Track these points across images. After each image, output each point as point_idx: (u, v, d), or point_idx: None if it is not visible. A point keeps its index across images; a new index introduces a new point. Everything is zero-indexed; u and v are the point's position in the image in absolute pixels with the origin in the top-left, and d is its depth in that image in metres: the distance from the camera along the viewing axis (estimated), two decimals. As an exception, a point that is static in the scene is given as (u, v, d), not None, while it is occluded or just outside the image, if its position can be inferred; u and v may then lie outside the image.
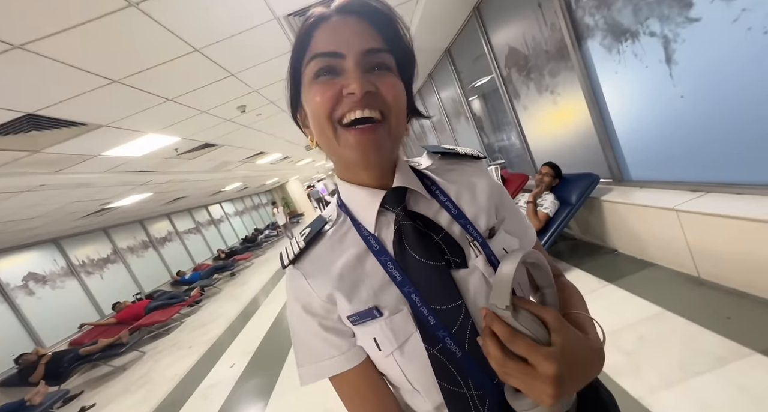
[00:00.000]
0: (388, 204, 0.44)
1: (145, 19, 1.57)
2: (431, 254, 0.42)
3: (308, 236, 0.46)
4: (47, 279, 5.10)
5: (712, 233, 1.58)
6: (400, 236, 0.43)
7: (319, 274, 0.44)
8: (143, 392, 3.26)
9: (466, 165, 0.51)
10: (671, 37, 1.52)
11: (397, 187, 0.44)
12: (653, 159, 1.97)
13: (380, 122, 0.38)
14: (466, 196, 0.48)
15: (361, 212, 0.45)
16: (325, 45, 0.38)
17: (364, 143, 0.38)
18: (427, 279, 0.41)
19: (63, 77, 1.72)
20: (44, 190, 3.10)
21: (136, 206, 5.79)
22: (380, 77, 0.39)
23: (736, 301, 1.53)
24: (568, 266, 2.40)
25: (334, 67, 0.38)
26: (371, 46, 0.38)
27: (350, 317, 0.42)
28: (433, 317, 0.40)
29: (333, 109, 0.38)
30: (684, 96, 1.60)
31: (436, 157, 0.52)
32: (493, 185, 0.50)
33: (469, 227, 0.44)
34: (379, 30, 0.40)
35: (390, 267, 0.42)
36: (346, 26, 0.38)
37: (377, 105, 0.38)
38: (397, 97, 0.39)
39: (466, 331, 0.40)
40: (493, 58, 3.06)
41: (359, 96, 0.36)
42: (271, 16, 2.05)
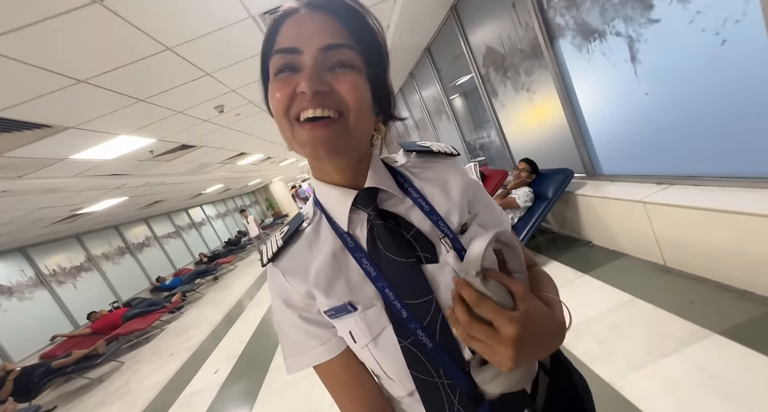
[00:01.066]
0: (360, 204, 0.45)
1: (111, 16, 1.51)
2: (402, 251, 0.43)
3: (286, 234, 0.47)
4: (14, 290, 4.82)
5: (676, 223, 1.67)
6: (373, 235, 0.44)
7: (296, 271, 0.45)
8: (121, 404, 3.14)
9: (441, 162, 0.52)
10: (635, 37, 1.60)
11: (368, 188, 0.45)
12: (622, 154, 2.06)
13: (336, 120, 0.38)
14: (438, 193, 0.49)
15: (335, 210, 0.46)
16: (286, 40, 0.38)
17: (315, 139, 0.38)
18: (400, 275, 0.43)
19: (23, 77, 1.63)
20: (7, 196, 2.93)
21: (110, 211, 5.55)
22: (339, 75, 0.38)
23: (698, 286, 1.63)
24: (546, 259, 2.48)
25: (294, 63, 0.38)
26: (331, 41, 0.37)
27: (327, 312, 0.44)
28: (406, 311, 0.42)
29: (289, 106, 0.38)
30: (648, 93, 1.69)
31: (412, 154, 0.53)
32: (467, 181, 0.51)
33: (441, 223, 0.45)
34: (346, 25, 0.39)
35: (365, 263, 0.44)
36: (310, 21, 0.38)
37: (332, 104, 0.37)
38: (356, 96, 0.38)
39: (437, 323, 0.42)
40: (472, 57, 3.11)
41: (309, 96, 0.36)
42: (246, 14, 2.01)
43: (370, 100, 0.41)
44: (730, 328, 1.33)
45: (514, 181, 2.58)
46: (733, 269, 1.49)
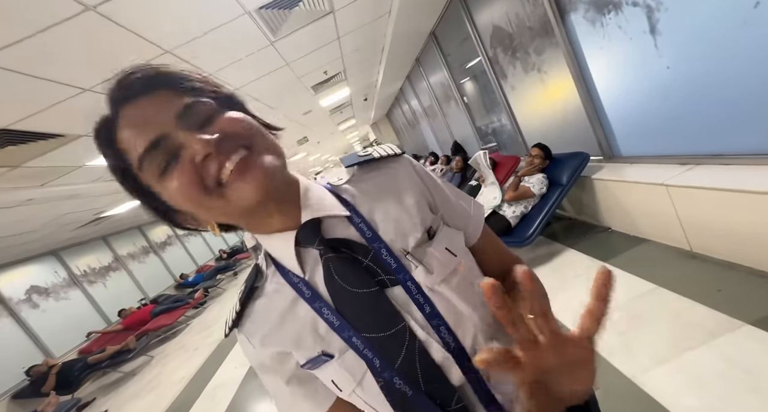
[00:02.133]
0: (304, 242, 0.41)
1: (106, 23, 1.51)
2: (362, 280, 0.39)
3: (243, 296, 0.44)
4: (50, 291, 5.14)
5: (702, 205, 1.56)
6: (329, 271, 0.40)
7: (261, 333, 0.42)
8: (153, 396, 3.32)
9: (386, 167, 0.46)
10: (654, 6, 1.46)
11: (306, 222, 0.40)
12: (642, 134, 1.93)
13: (250, 153, 0.34)
14: (390, 206, 0.43)
15: (284, 258, 0.42)
16: (139, 142, 0.33)
17: (251, 179, 0.33)
18: (363, 309, 0.39)
19: (30, 89, 1.67)
20: (33, 204, 3.07)
21: (132, 213, 5.77)
22: (214, 123, 0.34)
23: (726, 272, 1.52)
24: (562, 247, 2.39)
25: (169, 152, 0.33)
26: (182, 105, 0.34)
27: (304, 366, 0.41)
28: (378, 359, 0.39)
29: (203, 181, 0.33)
30: (670, 67, 1.55)
31: (353, 168, 0.47)
32: (418, 182, 0.46)
33: (383, 251, 0.40)
34: (173, 89, 0.35)
35: (326, 313, 0.40)
36: (143, 112, 0.33)
37: (235, 143, 0.34)
38: (244, 124, 0.35)
39: (415, 356, 0.38)
40: (479, 39, 2.97)
41: (214, 148, 0.32)
42: (242, 11, 1.97)
43: (254, 121, 0.37)
44: (763, 318, 1.24)
45: (527, 167, 2.48)
46: (766, 253, 1.38)
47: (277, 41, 2.57)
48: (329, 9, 2.49)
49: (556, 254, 2.34)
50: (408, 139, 9.21)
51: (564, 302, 1.82)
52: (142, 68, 0.35)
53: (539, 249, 2.51)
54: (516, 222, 2.39)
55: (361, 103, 7.05)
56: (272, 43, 2.57)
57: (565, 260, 2.23)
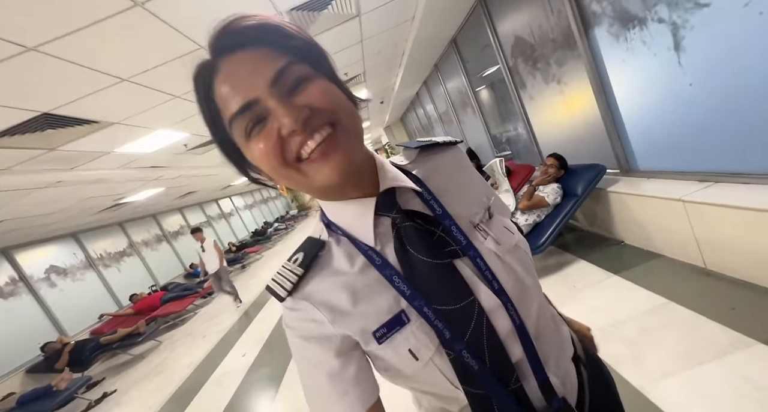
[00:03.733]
0: (382, 210, 0.41)
1: (151, 18, 1.61)
2: (435, 251, 0.40)
3: (304, 261, 0.42)
4: (68, 272, 5.32)
5: (719, 223, 1.56)
6: (401, 240, 0.40)
7: (326, 302, 0.40)
8: (160, 379, 3.41)
9: (447, 152, 0.49)
10: (680, 24, 1.48)
11: (386, 190, 0.41)
12: (661, 149, 1.94)
13: (334, 132, 0.34)
14: (453, 183, 0.46)
15: (355, 226, 0.42)
16: (233, 101, 0.34)
17: (334, 161, 0.34)
18: (434, 281, 0.39)
19: (75, 77, 1.77)
20: (62, 186, 3.21)
21: (149, 201, 5.94)
22: (305, 91, 0.34)
23: (741, 291, 1.52)
24: (573, 258, 2.39)
25: (257, 114, 0.34)
26: (275, 70, 0.33)
27: (377, 333, 0.39)
28: (448, 331, 0.39)
29: (283, 154, 0.34)
30: (693, 84, 1.56)
31: (415, 152, 0.49)
32: (473, 170, 0.51)
33: (453, 227, 0.42)
34: (272, 46, 0.34)
35: (397, 281, 0.39)
36: (239, 69, 0.34)
37: (321, 121, 0.34)
38: (333, 98, 0.35)
39: (483, 327, 0.39)
40: (499, 48, 3.01)
41: (299, 128, 0.33)
42: (274, 11, 2.06)
43: (341, 94, 0.37)
44: (778, 338, 1.24)
45: (541, 176, 2.49)
46: (784, 275, 1.38)
47: (303, 42, 2.65)
48: (356, 12, 2.57)
49: (567, 264, 2.34)
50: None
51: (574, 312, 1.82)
52: (247, 18, 0.35)
53: (550, 258, 2.51)
54: (528, 230, 2.40)
55: (377, 106, 7.13)
56: (299, 44, 2.66)
57: (576, 271, 2.23)
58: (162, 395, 3.01)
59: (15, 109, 1.82)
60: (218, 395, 2.61)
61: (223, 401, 2.48)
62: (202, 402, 2.63)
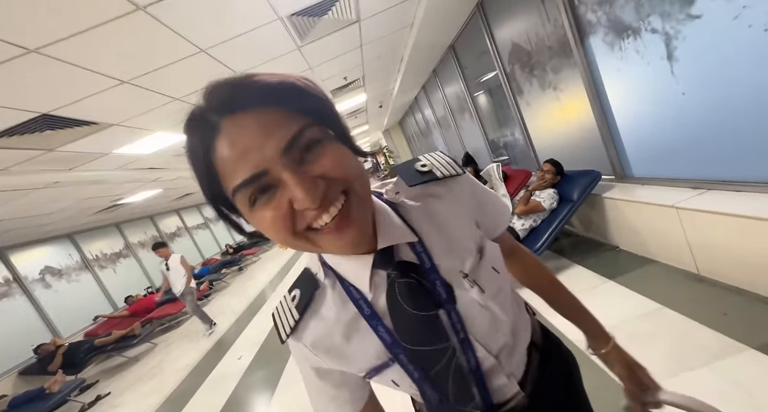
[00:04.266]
0: (379, 265, 0.42)
1: (152, 22, 1.62)
2: (422, 303, 0.41)
3: (301, 304, 0.44)
4: (63, 273, 5.29)
5: (712, 230, 1.58)
6: (394, 292, 0.41)
7: (323, 344, 0.44)
8: (155, 382, 3.38)
9: (446, 189, 0.46)
10: (673, 34, 1.52)
11: (382, 249, 0.41)
12: (655, 156, 1.97)
13: (348, 203, 0.33)
14: (441, 236, 0.44)
15: (352, 276, 0.43)
16: (239, 171, 0.31)
17: (347, 237, 0.34)
18: (418, 328, 0.42)
19: (75, 79, 1.78)
20: (59, 187, 3.21)
21: (146, 202, 5.93)
22: (318, 159, 0.32)
23: (733, 297, 1.54)
24: (569, 263, 2.41)
25: (265, 185, 0.31)
26: (287, 137, 0.31)
27: (367, 373, 0.44)
28: (416, 372, 0.44)
29: (293, 225, 0.33)
30: (685, 93, 1.60)
31: (412, 189, 0.46)
32: (473, 204, 0.48)
33: (437, 282, 0.43)
34: (283, 107, 0.31)
35: (381, 331, 0.42)
36: (246, 133, 0.30)
37: (336, 193, 0.32)
38: (346, 166, 0.33)
39: (452, 366, 0.43)
40: (497, 55, 3.05)
41: (315, 206, 0.31)
42: (275, 16, 2.08)
43: (353, 156, 0.35)
44: (768, 343, 1.26)
45: (538, 182, 2.52)
46: (775, 281, 1.40)
47: (303, 46, 2.68)
48: (355, 18, 2.60)
49: (563, 269, 2.36)
50: (419, 147, 9.29)
51: (568, 316, 1.85)
52: (260, 76, 0.32)
53: (546, 263, 2.51)
54: (524, 235, 2.42)
55: (376, 110, 7.18)
56: (299, 48, 2.68)
57: (571, 276, 2.25)
58: (157, 399, 2.99)
59: (14, 110, 1.83)
60: (214, 399, 2.60)
61: (219, 405, 2.47)
62: (198, 405, 2.62)
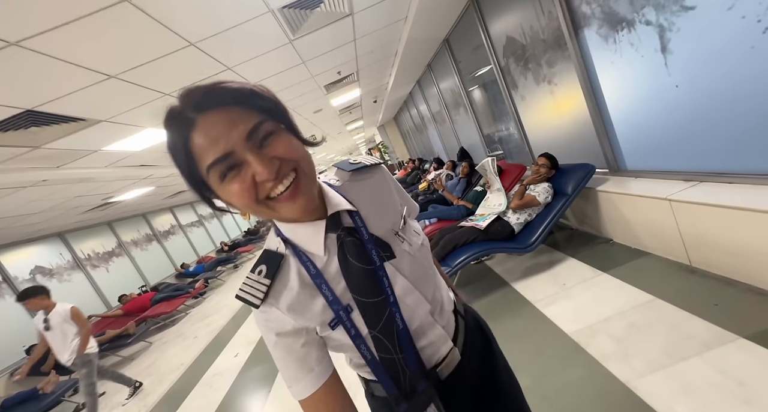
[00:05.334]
0: (329, 229, 0.52)
1: (139, 14, 1.58)
2: (365, 258, 0.52)
3: (269, 273, 0.51)
4: (54, 272, 5.20)
5: (704, 222, 1.60)
6: (344, 251, 0.52)
7: (286, 302, 0.50)
8: (151, 381, 3.36)
9: (373, 173, 0.60)
10: (666, 26, 1.51)
11: (333, 214, 0.52)
12: (648, 149, 1.98)
13: (298, 177, 0.44)
14: (378, 203, 0.58)
15: (307, 242, 0.52)
16: (212, 152, 0.40)
17: (299, 203, 0.44)
18: (364, 279, 0.51)
19: (60, 73, 1.73)
20: (47, 185, 3.14)
21: (138, 200, 5.84)
22: (272, 145, 0.42)
23: (724, 288, 1.56)
24: (563, 256, 2.43)
25: (232, 163, 0.41)
26: (249, 127, 0.41)
27: (331, 323, 0.51)
28: (354, 330, 0.52)
29: (256, 194, 0.43)
30: (679, 85, 1.60)
31: (347, 175, 0.59)
32: (394, 184, 0.62)
33: (371, 244, 0.53)
34: (244, 106, 0.42)
35: (324, 288, 0.50)
36: (217, 124, 0.40)
37: (287, 169, 0.43)
38: (295, 149, 0.44)
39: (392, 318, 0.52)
40: (491, 48, 3.03)
41: (272, 178, 0.41)
42: (266, 9, 2.04)
43: (300, 144, 0.47)
44: (758, 332, 1.28)
45: (533, 176, 2.52)
46: (765, 272, 1.42)
47: (295, 40, 2.63)
48: (348, 11, 2.56)
49: (557, 262, 2.37)
50: (414, 143, 9.27)
51: (564, 309, 1.86)
52: (226, 83, 0.42)
53: (541, 257, 2.54)
54: (519, 229, 2.43)
55: (371, 105, 7.12)
56: (291, 42, 2.64)
57: (566, 269, 2.26)
58: (153, 397, 2.97)
59: (-3, 106, 1.77)
60: (210, 397, 2.59)
61: (215, 403, 2.46)
62: (193, 404, 2.60)
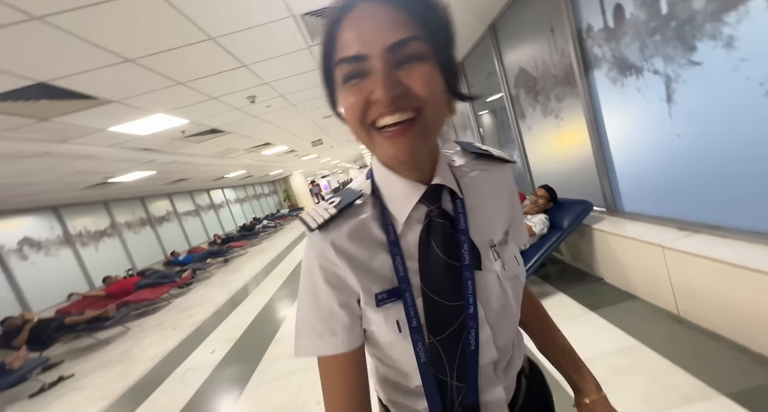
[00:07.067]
0: (425, 199, 0.44)
1: (165, 5, 1.62)
2: (452, 253, 0.43)
3: (339, 205, 0.44)
4: (42, 245, 5.15)
5: (695, 273, 1.60)
6: (428, 231, 0.43)
7: (349, 251, 0.43)
8: (122, 368, 3.28)
9: (497, 167, 0.51)
10: (673, 77, 1.55)
11: (435, 184, 0.44)
12: (646, 193, 1.99)
13: (414, 120, 0.36)
14: (488, 202, 0.48)
15: (395, 201, 0.44)
16: (348, 47, 0.36)
17: (398, 147, 0.37)
18: (443, 276, 0.43)
19: (78, 51, 1.76)
20: (48, 158, 3.14)
21: (137, 183, 5.84)
22: (411, 70, 0.35)
23: (710, 342, 1.54)
24: (553, 290, 2.41)
25: (361, 70, 0.36)
26: (396, 38, 0.34)
27: (378, 295, 0.43)
28: (416, 320, 0.43)
29: (364, 113, 0.37)
30: (680, 135, 1.62)
31: (471, 156, 0.51)
32: (514, 194, 0.54)
33: (465, 246, 0.44)
34: (406, 11, 0.35)
35: (398, 261, 0.43)
36: (369, 19, 0.35)
37: (409, 104, 0.36)
38: (431, 89, 0.36)
39: (462, 331, 0.43)
40: (504, 77, 3.09)
41: (386, 102, 0.34)
42: (288, 13, 2.08)
43: (443, 88, 0.38)
44: (740, 391, 1.26)
45: (530, 206, 2.53)
46: (753, 331, 1.41)
47: (313, 46, 2.68)
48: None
49: (546, 296, 2.36)
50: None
51: (546, 344, 1.84)
52: None
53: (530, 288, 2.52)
54: (512, 257, 2.42)
55: (382, 116, 7.20)
56: (309, 47, 2.69)
57: (554, 303, 2.25)
58: (120, 386, 2.90)
59: (10, 75, 1.79)
60: (179, 392, 2.52)
61: (184, 399, 2.40)
62: (161, 397, 2.54)
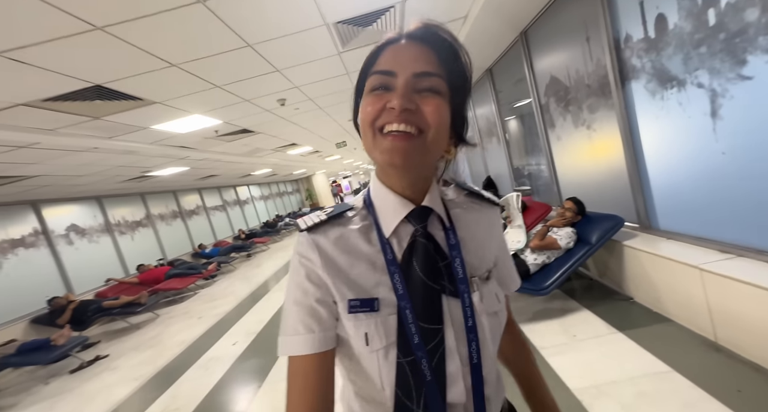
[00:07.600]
0: (412, 218, 0.47)
1: (209, 15, 1.72)
2: (433, 275, 0.45)
3: (331, 213, 0.48)
4: (86, 232, 5.57)
5: (736, 299, 1.50)
6: (411, 250, 0.46)
7: (331, 255, 0.45)
8: (151, 353, 3.48)
9: (486, 208, 0.55)
10: (719, 92, 1.46)
11: (425, 206, 0.47)
12: (685, 212, 1.88)
13: (415, 136, 0.41)
14: (476, 237, 0.51)
15: (385, 215, 0.47)
16: (385, 64, 0.43)
17: (395, 148, 0.41)
18: (422, 297, 0.44)
19: (131, 57, 1.91)
20: (97, 152, 3.40)
21: (171, 177, 6.18)
22: (426, 98, 0.42)
23: (751, 374, 1.44)
24: (578, 306, 2.33)
25: (388, 84, 0.42)
26: (423, 69, 0.41)
27: (351, 301, 0.44)
28: (418, 337, 0.43)
29: (376, 118, 0.42)
30: (726, 153, 1.53)
31: (463, 193, 0.55)
32: (501, 234, 0.57)
33: (457, 262, 0.47)
34: (439, 57, 0.43)
35: (396, 279, 0.45)
36: (408, 50, 0.42)
37: (415, 122, 0.41)
38: (437, 118, 0.41)
39: (436, 354, 0.44)
40: (534, 84, 3.02)
41: (398, 111, 0.40)
42: (322, 22, 2.16)
43: (448, 124, 0.44)
44: (781, 432, 1.17)
45: (557, 218, 2.46)
46: (798, 366, 1.30)
47: (343, 52, 2.75)
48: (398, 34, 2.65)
49: (570, 312, 2.28)
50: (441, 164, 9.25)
51: (571, 362, 1.78)
52: (443, 29, 0.45)
53: (554, 302, 2.45)
54: (536, 269, 2.37)
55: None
56: (339, 54, 2.75)
57: (579, 320, 2.17)
58: (150, 369, 3.08)
59: (72, 79, 1.97)
60: (203, 379, 2.64)
61: (208, 386, 2.51)
62: (187, 383, 2.67)
